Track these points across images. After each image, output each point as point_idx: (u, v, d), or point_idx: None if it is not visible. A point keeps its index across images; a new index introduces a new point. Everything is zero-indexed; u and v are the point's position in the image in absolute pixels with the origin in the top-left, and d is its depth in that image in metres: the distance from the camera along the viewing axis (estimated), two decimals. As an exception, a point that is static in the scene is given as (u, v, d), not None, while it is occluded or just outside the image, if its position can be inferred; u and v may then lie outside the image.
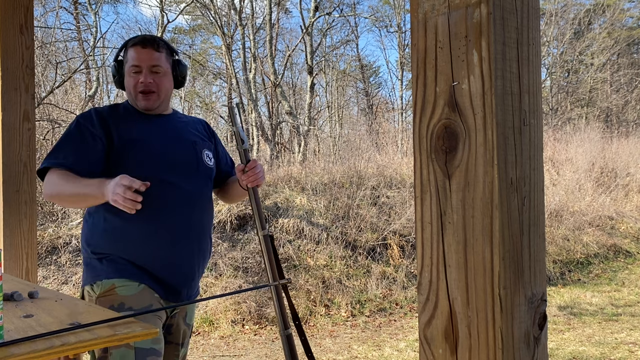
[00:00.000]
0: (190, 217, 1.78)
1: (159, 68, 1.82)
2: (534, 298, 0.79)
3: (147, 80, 1.79)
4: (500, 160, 0.74)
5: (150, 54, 1.80)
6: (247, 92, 13.90)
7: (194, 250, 1.81)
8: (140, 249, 1.73)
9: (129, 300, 1.64)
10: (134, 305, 1.65)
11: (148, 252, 1.73)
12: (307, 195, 7.39)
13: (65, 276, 5.48)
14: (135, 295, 1.67)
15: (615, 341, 4.70)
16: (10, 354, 1.06)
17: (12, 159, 2.31)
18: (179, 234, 1.76)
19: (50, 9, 10.28)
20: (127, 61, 1.83)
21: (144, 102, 1.82)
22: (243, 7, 14.61)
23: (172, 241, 1.75)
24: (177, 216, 1.76)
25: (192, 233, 1.80)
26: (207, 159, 1.91)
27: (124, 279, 1.69)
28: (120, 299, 1.64)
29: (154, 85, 1.81)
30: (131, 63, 1.81)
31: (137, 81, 1.80)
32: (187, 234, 1.79)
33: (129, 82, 1.83)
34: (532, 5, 0.82)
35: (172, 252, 1.75)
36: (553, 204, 8.46)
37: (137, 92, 1.81)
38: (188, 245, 1.79)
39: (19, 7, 2.36)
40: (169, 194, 1.76)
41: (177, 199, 1.77)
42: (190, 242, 1.80)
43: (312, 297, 5.69)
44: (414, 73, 0.84)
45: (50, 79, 8.55)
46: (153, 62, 1.80)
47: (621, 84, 20.54)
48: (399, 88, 19.32)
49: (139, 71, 1.80)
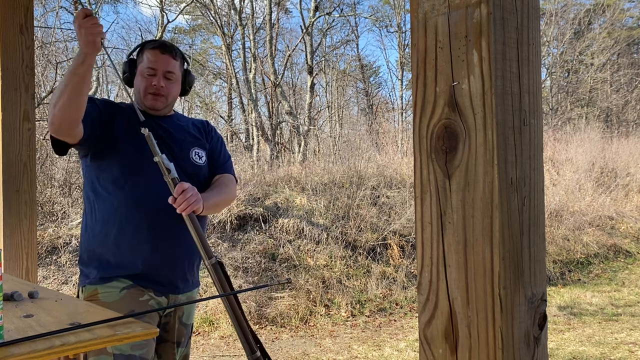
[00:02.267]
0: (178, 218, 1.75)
1: (172, 75, 1.90)
2: (534, 298, 0.79)
3: (159, 84, 1.87)
4: (500, 160, 0.74)
5: (167, 60, 1.89)
6: (247, 92, 13.89)
7: (182, 248, 1.82)
8: (124, 251, 1.76)
9: (109, 307, 1.64)
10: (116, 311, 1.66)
11: (133, 253, 1.76)
12: (307, 195, 7.39)
13: (65, 276, 5.48)
14: (116, 301, 1.71)
15: (615, 341, 4.70)
16: (10, 354, 1.06)
17: (12, 159, 2.31)
18: (163, 233, 1.78)
19: (50, 9, 10.29)
20: (142, 62, 1.89)
21: (152, 101, 1.88)
22: (243, 7, 14.62)
23: (156, 240, 1.76)
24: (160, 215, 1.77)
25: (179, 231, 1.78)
26: (196, 157, 1.94)
27: (106, 284, 1.74)
28: (101, 305, 1.66)
29: (164, 89, 1.89)
30: (147, 65, 1.88)
31: (150, 83, 1.87)
32: (172, 232, 1.79)
33: (142, 82, 1.89)
34: (532, 5, 0.82)
35: (156, 251, 1.77)
36: (553, 204, 8.46)
37: (147, 92, 1.88)
38: (174, 243, 1.80)
39: (19, 7, 2.36)
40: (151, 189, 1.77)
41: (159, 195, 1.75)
42: (177, 240, 1.80)
43: (312, 297, 5.69)
44: (414, 73, 0.84)
45: (50, 79, 8.55)
46: (168, 68, 1.89)
47: (621, 84, 20.54)
48: (399, 88, 19.33)
49: (154, 74, 1.87)
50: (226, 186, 1.97)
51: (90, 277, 1.78)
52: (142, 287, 1.75)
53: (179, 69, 1.93)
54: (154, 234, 1.77)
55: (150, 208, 1.77)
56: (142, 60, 1.90)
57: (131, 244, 1.76)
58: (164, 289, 1.79)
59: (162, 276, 1.79)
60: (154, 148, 1.69)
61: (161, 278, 1.78)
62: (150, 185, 1.78)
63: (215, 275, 1.72)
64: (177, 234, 1.81)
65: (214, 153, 2.03)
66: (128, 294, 1.73)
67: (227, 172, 2.04)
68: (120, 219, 1.77)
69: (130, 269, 1.75)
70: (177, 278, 1.82)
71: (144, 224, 1.77)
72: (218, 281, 1.72)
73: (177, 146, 1.90)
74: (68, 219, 6.26)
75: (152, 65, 1.87)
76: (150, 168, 1.75)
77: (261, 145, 13.41)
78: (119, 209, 1.77)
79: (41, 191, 6.53)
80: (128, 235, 1.76)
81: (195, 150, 1.95)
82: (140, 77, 1.89)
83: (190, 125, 2.03)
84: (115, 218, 1.77)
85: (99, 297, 1.73)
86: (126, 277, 1.74)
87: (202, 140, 2.01)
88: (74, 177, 7.13)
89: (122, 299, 1.72)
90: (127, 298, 1.72)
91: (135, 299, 1.73)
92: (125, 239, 1.76)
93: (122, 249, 1.76)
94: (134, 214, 1.76)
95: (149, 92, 1.88)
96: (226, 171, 2.03)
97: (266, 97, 15.41)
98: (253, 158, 11.03)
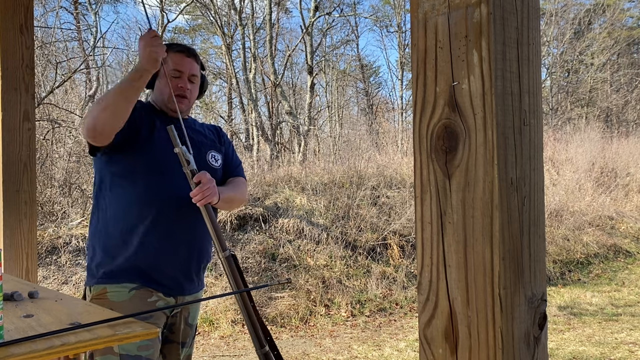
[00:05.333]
0: (188, 219, 1.81)
1: (195, 78, 1.96)
2: (534, 298, 0.79)
3: (186, 86, 1.92)
4: (500, 160, 0.74)
5: (192, 63, 1.94)
6: (247, 92, 13.89)
7: (192, 250, 1.84)
8: (135, 252, 1.75)
9: (117, 306, 1.67)
10: (122, 311, 1.66)
11: (145, 254, 1.76)
12: (307, 195, 7.39)
13: (65, 276, 5.48)
14: (124, 301, 1.71)
15: (615, 341, 4.70)
16: (10, 354, 1.06)
17: (12, 159, 2.31)
18: (176, 235, 1.79)
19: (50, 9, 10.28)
20: (167, 64, 1.90)
21: (178, 104, 1.89)
22: (243, 7, 14.61)
23: (168, 242, 1.77)
24: (176, 219, 1.79)
25: (192, 234, 1.83)
26: (213, 160, 1.97)
27: (116, 284, 1.74)
28: (109, 304, 1.67)
29: (189, 92, 1.94)
30: (173, 67, 1.90)
31: (176, 85, 1.90)
32: (184, 234, 1.81)
33: (167, 83, 1.89)
34: (532, 5, 0.82)
35: (168, 253, 1.78)
36: (553, 204, 8.46)
37: (174, 94, 1.87)
38: (186, 246, 1.82)
39: (19, 7, 2.36)
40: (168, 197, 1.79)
41: (177, 201, 1.79)
42: (188, 242, 1.83)
43: (312, 297, 5.69)
44: (414, 73, 0.84)
45: (50, 79, 8.55)
46: (193, 71, 1.94)
47: (621, 84, 20.53)
48: (399, 88, 19.31)
49: (179, 76, 1.91)
50: (239, 186, 2.03)
51: (98, 276, 1.77)
52: (152, 288, 1.76)
53: (199, 73, 1.98)
54: (166, 235, 1.78)
55: (163, 209, 1.78)
56: (166, 63, 1.90)
57: (143, 245, 1.76)
58: (172, 291, 1.80)
59: (172, 278, 1.80)
60: (175, 140, 1.73)
61: (171, 280, 1.79)
62: (165, 185, 1.79)
63: (229, 268, 1.74)
64: (189, 237, 1.83)
65: (226, 157, 2.07)
66: (137, 294, 1.73)
67: (240, 175, 2.09)
68: (133, 218, 1.77)
69: (140, 270, 1.75)
70: (186, 280, 1.84)
71: (157, 224, 1.77)
72: (231, 273, 1.74)
73: (195, 148, 1.91)
74: (68, 219, 6.26)
75: (179, 68, 1.90)
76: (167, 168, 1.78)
77: (261, 145, 13.41)
78: (132, 208, 1.77)
79: (41, 191, 6.53)
80: (140, 236, 1.76)
81: (212, 153, 1.98)
82: (164, 79, 1.90)
83: (206, 129, 2.07)
84: (128, 217, 1.77)
85: (107, 296, 1.73)
86: (136, 278, 1.74)
87: (217, 144, 2.05)
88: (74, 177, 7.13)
89: (131, 299, 1.72)
90: (136, 298, 1.72)
91: (144, 299, 1.73)
92: (136, 239, 1.76)
93: (134, 250, 1.76)
94: (147, 212, 1.77)
95: (176, 93, 1.89)
96: (239, 174, 2.10)
97: (266, 97, 15.41)
98: (253, 158, 11.03)
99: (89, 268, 1.84)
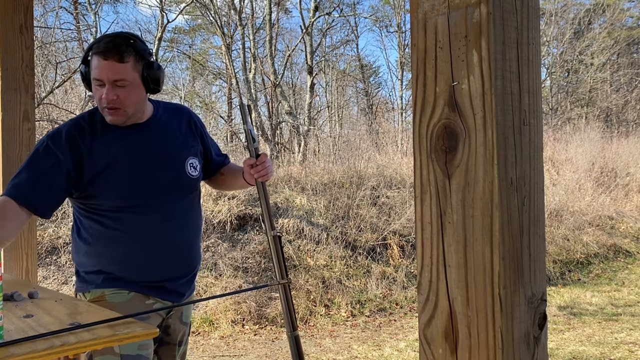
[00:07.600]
0: (172, 233, 1.76)
1: (123, 82, 1.61)
2: (534, 298, 0.79)
3: (109, 97, 1.60)
4: (500, 160, 0.74)
5: (112, 66, 1.58)
6: (247, 92, 13.89)
7: (181, 262, 1.81)
8: (124, 268, 1.72)
9: (118, 307, 1.64)
10: (122, 312, 1.65)
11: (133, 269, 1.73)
12: (307, 195, 7.39)
13: (65, 276, 5.48)
14: (124, 302, 1.69)
15: (615, 341, 4.70)
16: (10, 354, 1.06)
17: (12, 159, 2.31)
18: (162, 251, 1.75)
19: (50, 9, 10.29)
20: (92, 69, 1.64)
21: (110, 117, 1.65)
22: (243, 7, 14.61)
23: (156, 259, 1.74)
24: (159, 235, 1.74)
25: (176, 247, 1.79)
26: (191, 170, 1.81)
27: (114, 288, 1.71)
28: (109, 306, 1.64)
29: (118, 101, 1.62)
30: (93, 75, 1.62)
31: (99, 97, 1.62)
32: (171, 249, 1.77)
33: (94, 93, 1.66)
34: (532, 5, 0.82)
35: (157, 268, 1.75)
36: (553, 204, 8.46)
37: (102, 107, 1.65)
38: (173, 259, 1.79)
39: (19, 7, 2.36)
40: (149, 215, 1.73)
41: (158, 218, 1.74)
42: (175, 255, 1.79)
43: (312, 297, 5.69)
44: (413, 73, 0.84)
45: (50, 79, 8.55)
46: (116, 76, 1.59)
47: (621, 83, 20.53)
48: (399, 88, 19.31)
49: (101, 84, 1.61)
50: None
51: (95, 282, 1.73)
52: (146, 294, 1.75)
53: (132, 71, 1.62)
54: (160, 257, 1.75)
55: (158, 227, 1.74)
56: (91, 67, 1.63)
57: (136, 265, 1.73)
58: (169, 297, 1.79)
59: (169, 289, 1.78)
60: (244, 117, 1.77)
61: (167, 291, 1.78)
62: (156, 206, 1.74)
63: (274, 248, 1.77)
64: (186, 249, 1.81)
65: (206, 147, 1.97)
66: (136, 296, 1.72)
67: (229, 162, 2.08)
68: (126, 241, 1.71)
69: (137, 282, 1.73)
70: (182, 288, 1.83)
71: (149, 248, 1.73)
72: (275, 253, 1.77)
73: (169, 159, 1.77)
74: (68, 219, 6.26)
75: (96, 76, 1.60)
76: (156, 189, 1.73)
77: (261, 145, 13.42)
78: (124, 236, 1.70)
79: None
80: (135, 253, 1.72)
81: (190, 162, 1.81)
82: (93, 87, 1.65)
83: (175, 119, 1.86)
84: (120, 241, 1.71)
85: (105, 298, 1.70)
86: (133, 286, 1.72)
87: (192, 139, 1.88)
88: (74, 177, 7.11)
89: (131, 300, 1.71)
90: (135, 300, 1.71)
91: (142, 301, 1.73)
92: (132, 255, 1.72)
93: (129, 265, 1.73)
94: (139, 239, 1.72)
95: (103, 106, 1.63)
96: (227, 158, 2.09)
97: (266, 97, 15.41)
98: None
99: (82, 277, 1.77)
